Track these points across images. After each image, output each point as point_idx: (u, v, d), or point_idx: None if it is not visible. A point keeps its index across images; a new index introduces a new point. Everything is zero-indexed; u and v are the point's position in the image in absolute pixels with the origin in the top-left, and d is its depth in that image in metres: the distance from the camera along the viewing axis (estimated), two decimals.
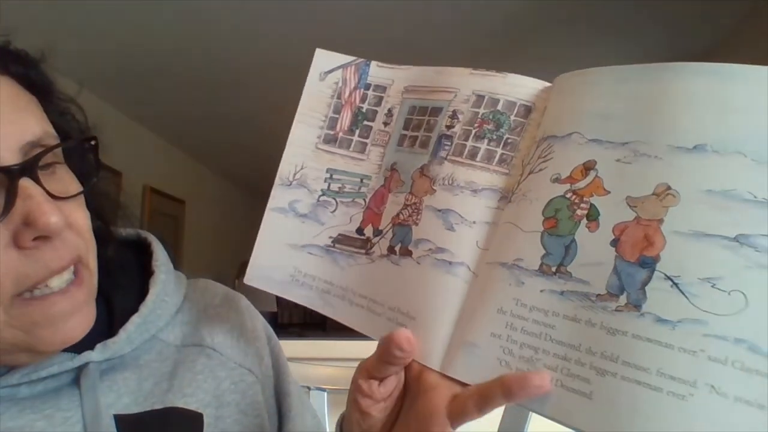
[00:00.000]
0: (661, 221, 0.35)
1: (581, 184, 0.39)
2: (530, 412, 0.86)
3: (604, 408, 0.35)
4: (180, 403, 0.52)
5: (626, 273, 0.36)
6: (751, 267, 0.32)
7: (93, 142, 0.49)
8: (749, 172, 0.34)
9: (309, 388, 0.81)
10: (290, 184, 0.52)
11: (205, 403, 0.53)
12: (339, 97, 0.52)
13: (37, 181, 0.43)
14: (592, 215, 0.38)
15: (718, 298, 0.33)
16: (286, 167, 0.52)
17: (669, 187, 0.35)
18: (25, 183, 0.42)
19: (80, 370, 0.48)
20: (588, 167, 0.39)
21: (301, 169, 0.52)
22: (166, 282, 0.56)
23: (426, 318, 0.44)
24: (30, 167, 0.42)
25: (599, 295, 0.36)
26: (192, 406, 0.52)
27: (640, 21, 2.27)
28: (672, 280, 0.34)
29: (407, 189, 0.48)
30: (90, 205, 0.49)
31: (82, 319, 0.46)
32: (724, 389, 0.32)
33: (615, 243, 0.37)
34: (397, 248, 0.47)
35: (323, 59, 0.53)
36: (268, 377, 0.60)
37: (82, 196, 0.48)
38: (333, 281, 0.50)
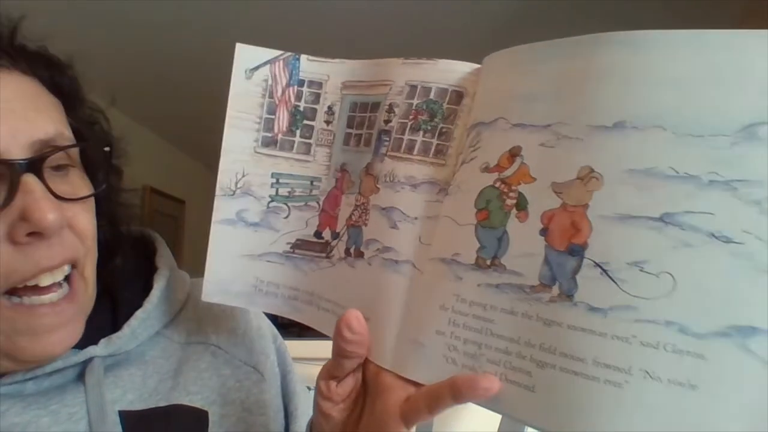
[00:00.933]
0: (586, 206, 0.34)
1: (509, 172, 0.38)
2: None
3: (547, 400, 0.34)
4: (185, 401, 0.52)
5: (556, 263, 0.35)
6: (677, 246, 0.31)
7: (107, 149, 0.50)
8: (670, 146, 0.32)
9: (309, 388, 0.81)
10: (234, 194, 0.51)
11: (210, 400, 0.53)
12: (271, 96, 0.50)
13: (42, 178, 0.43)
14: (521, 205, 0.37)
15: (646, 281, 0.32)
16: (225, 177, 0.51)
17: (592, 170, 0.34)
18: (28, 179, 0.42)
19: (85, 365, 0.49)
20: (514, 154, 0.38)
21: (243, 176, 0.51)
22: (170, 278, 0.57)
23: (378, 318, 0.43)
24: (36, 164, 0.43)
25: (532, 286, 0.36)
26: (197, 404, 0.53)
27: (641, 20, 2.21)
28: (601, 267, 0.33)
29: (356, 189, 0.47)
30: (106, 214, 0.51)
31: (66, 335, 0.46)
32: (657, 373, 0.31)
33: (544, 232, 0.36)
34: (351, 250, 0.47)
35: (246, 55, 0.50)
36: (274, 375, 0.60)
37: (92, 201, 0.48)
38: (298, 287, 0.50)
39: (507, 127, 0.39)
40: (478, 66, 0.43)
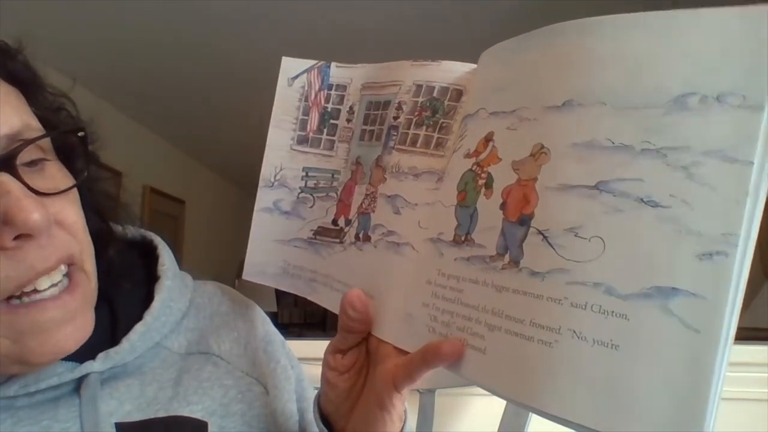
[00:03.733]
0: (535, 180, 0.36)
1: (483, 155, 0.41)
2: (530, 413, 0.86)
3: (493, 361, 0.36)
4: (185, 412, 0.50)
5: (509, 232, 0.37)
6: (609, 212, 0.33)
7: (81, 134, 0.47)
8: (608, 119, 0.34)
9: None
10: (272, 185, 0.58)
11: (211, 411, 0.51)
12: (306, 100, 0.58)
13: (17, 176, 0.40)
14: (488, 183, 0.40)
15: (579, 246, 0.33)
16: (267, 170, 0.58)
17: (542, 146, 0.37)
18: (3, 178, 0.39)
19: (81, 379, 0.47)
20: (488, 139, 0.41)
21: (281, 170, 0.58)
22: (171, 288, 0.55)
23: (380, 295, 0.47)
24: (7, 161, 0.40)
25: (491, 256, 0.38)
26: (197, 415, 0.50)
27: None
28: (542, 234, 0.35)
29: (368, 180, 0.52)
30: (90, 205, 0.48)
31: (75, 328, 0.43)
32: (584, 333, 0.32)
33: (503, 206, 0.38)
34: (360, 235, 0.52)
35: (290, 66, 0.58)
36: (287, 379, 0.58)
37: (75, 193, 0.46)
38: (317, 270, 0.56)
39: (485, 116, 0.42)
40: (476, 66, 0.47)
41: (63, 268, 0.43)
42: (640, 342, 0.31)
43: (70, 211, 0.45)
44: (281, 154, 0.58)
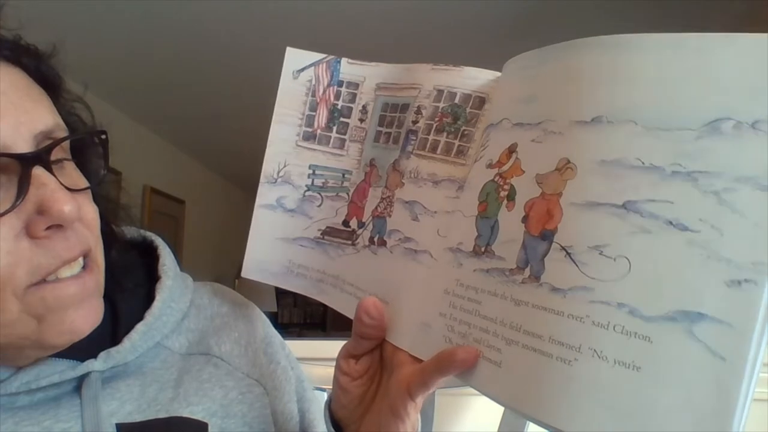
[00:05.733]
0: (560, 195, 0.36)
1: (506, 167, 0.41)
2: None
3: (509, 375, 0.36)
4: (185, 413, 0.50)
5: (531, 247, 0.37)
6: (636, 232, 0.33)
7: (104, 136, 0.49)
8: (639, 138, 0.34)
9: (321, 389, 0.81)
10: (275, 182, 0.56)
11: (212, 412, 0.52)
12: (314, 95, 0.56)
13: (50, 170, 0.42)
14: (511, 195, 0.40)
15: (604, 264, 0.33)
16: (269, 166, 0.56)
17: (569, 161, 0.36)
18: (38, 171, 0.42)
19: (82, 378, 0.48)
20: (511, 150, 0.41)
21: (285, 166, 0.56)
22: (172, 288, 0.55)
23: (396, 302, 0.47)
24: (43, 156, 0.42)
25: (511, 269, 0.38)
26: (197, 416, 0.51)
27: (645, 21, 2.10)
28: (566, 251, 0.35)
29: (383, 183, 0.52)
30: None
31: (91, 310, 0.45)
32: (605, 353, 0.32)
33: (525, 219, 0.38)
34: (375, 239, 0.51)
35: (295, 58, 0.56)
36: (287, 380, 0.59)
37: (89, 191, 0.48)
38: (325, 270, 0.55)
39: (509, 126, 0.42)
40: (500, 74, 0.47)
41: (81, 260, 0.45)
42: (662, 365, 0.31)
43: (89, 208, 0.47)
44: (285, 150, 0.56)
